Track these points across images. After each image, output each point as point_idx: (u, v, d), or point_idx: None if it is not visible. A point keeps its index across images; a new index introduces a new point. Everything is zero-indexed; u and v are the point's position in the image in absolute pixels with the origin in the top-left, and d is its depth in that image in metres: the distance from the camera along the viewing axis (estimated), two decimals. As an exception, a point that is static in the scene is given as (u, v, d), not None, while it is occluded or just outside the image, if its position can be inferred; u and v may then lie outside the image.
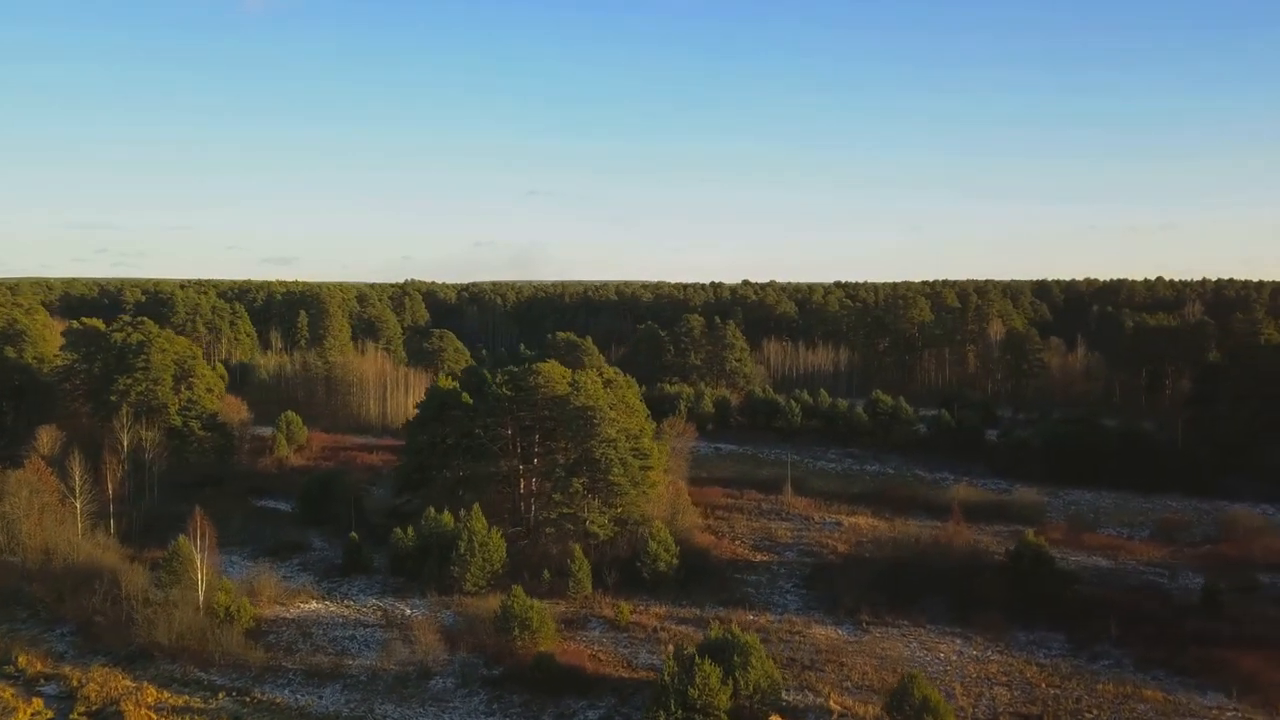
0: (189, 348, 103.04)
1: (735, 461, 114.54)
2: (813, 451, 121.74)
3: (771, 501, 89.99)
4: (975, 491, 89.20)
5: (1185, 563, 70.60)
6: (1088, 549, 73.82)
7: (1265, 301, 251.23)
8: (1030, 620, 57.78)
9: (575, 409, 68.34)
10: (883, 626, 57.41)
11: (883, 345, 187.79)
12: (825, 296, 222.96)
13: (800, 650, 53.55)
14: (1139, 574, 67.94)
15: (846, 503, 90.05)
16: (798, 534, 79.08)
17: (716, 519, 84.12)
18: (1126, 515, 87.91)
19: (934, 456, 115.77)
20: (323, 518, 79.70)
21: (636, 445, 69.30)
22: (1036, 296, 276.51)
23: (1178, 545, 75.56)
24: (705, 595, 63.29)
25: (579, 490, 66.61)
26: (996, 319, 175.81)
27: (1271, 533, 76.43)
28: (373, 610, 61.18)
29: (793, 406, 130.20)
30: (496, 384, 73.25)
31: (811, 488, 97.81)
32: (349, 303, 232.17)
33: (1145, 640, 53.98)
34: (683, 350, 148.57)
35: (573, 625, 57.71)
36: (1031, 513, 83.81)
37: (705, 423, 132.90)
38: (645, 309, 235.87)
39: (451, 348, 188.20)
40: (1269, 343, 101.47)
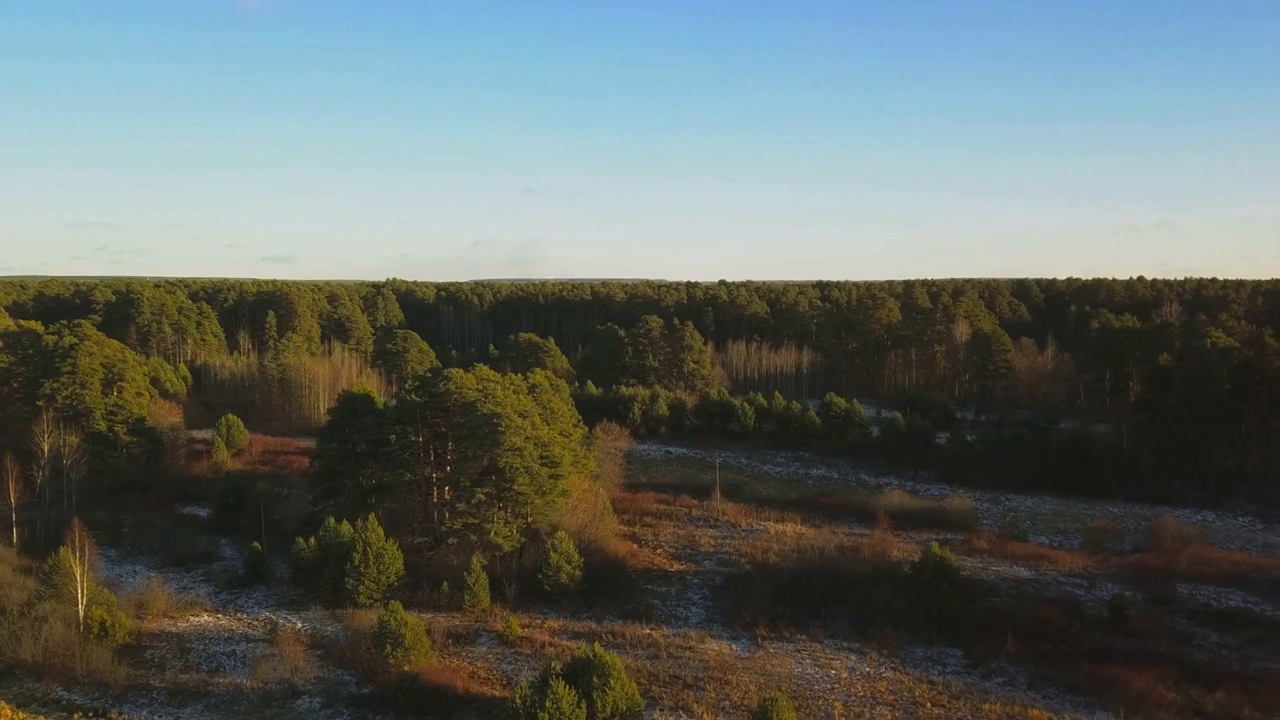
0: (120, 351, 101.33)
1: (682, 465, 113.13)
2: (763, 455, 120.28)
3: (704, 508, 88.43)
4: (909, 498, 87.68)
5: (1107, 573, 69.10)
6: (1012, 558, 72.35)
7: (1244, 302, 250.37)
8: (930, 635, 56.29)
9: (481, 416, 66.74)
10: (779, 641, 55.85)
11: (852, 346, 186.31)
12: (797, 297, 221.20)
13: (687, 667, 51.98)
14: (1057, 585, 66.41)
15: (780, 509, 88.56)
16: (721, 542, 77.52)
17: (643, 526, 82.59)
18: (1064, 522, 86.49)
19: (883, 460, 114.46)
20: (237, 526, 78.11)
21: (546, 453, 67.68)
22: (1015, 296, 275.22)
23: (1104, 554, 74.05)
24: (609, 607, 61.74)
25: (482, 499, 65.01)
26: (963, 319, 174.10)
27: (1200, 541, 74.92)
28: (264, 624, 59.61)
29: (746, 409, 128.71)
30: (406, 390, 71.66)
31: (751, 493, 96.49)
32: (319, 303, 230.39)
33: (1042, 656, 52.50)
34: (641, 352, 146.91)
35: (462, 640, 56.13)
36: (964, 520, 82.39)
37: (658, 425, 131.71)
38: (618, 309, 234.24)
39: (415, 349, 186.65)
40: (1215, 346, 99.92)
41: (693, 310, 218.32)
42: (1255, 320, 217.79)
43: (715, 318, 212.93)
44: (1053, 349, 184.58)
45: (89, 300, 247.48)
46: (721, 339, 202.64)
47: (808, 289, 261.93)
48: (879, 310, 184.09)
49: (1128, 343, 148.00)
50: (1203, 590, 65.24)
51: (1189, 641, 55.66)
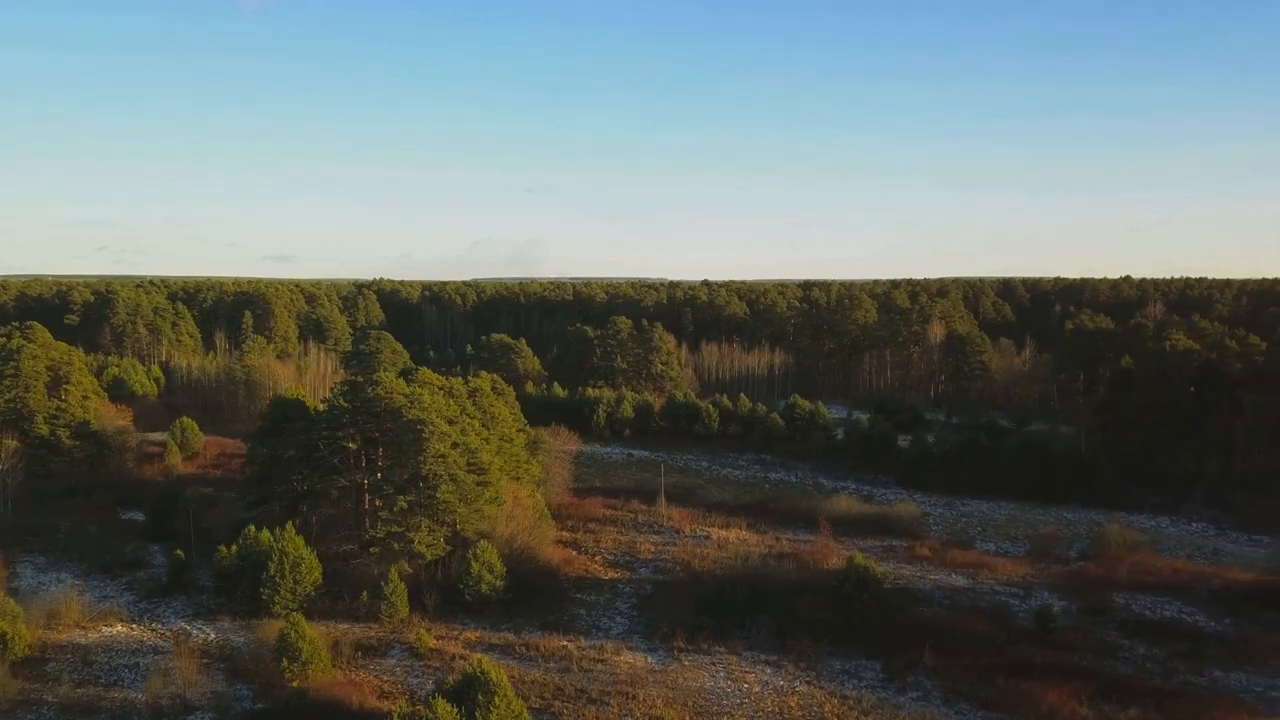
0: (67, 354, 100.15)
1: (641, 468, 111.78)
2: (725, 457, 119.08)
3: (651, 513, 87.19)
4: (857, 503, 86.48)
5: (1046, 582, 67.90)
6: (952, 566, 71.15)
7: (1228, 302, 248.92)
8: (851, 647, 55.11)
9: (406, 423, 65.55)
10: (697, 654, 54.66)
11: (829, 347, 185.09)
12: (776, 298, 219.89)
13: (596, 681, 50.80)
14: (993, 594, 65.21)
15: (728, 514, 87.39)
16: (661, 549, 76.31)
17: (586, 532, 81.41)
18: (1016, 528, 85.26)
19: (845, 464, 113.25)
20: (172, 532, 76.87)
21: (473, 460, 66.47)
22: (1000, 296, 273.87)
23: (1047, 563, 72.87)
24: (531, 618, 60.60)
25: (404, 507, 63.82)
26: (938, 320, 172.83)
27: (1145, 549, 73.70)
28: (176, 635, 58.40)
29: (710, 411, 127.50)
30: (335, 395, 70.47)
31: (705, 497, 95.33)
32: (297, 303, 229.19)
33: (960, 670, 51.32)
34: (609, 353, 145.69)
35: (372, 653, 54.96)
36: (910, 526, 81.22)
37: (622, 428, 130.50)
38: (598, 309, 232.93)
39: (389, 349, 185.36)
40: (1175, 349, 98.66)
41: (672, 311, 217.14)
42: (1238, 321, 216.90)
43: (694, 318, 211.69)
44: (1031, 350, 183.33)
45: (68, 300, 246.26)
46: (701, 339, 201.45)
47: (790, 289, 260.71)
48: (855, 311, 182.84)
49: (1101, 344, 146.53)
50: (1140, 600, 64.07)
51: (1115, 654, 54.51)
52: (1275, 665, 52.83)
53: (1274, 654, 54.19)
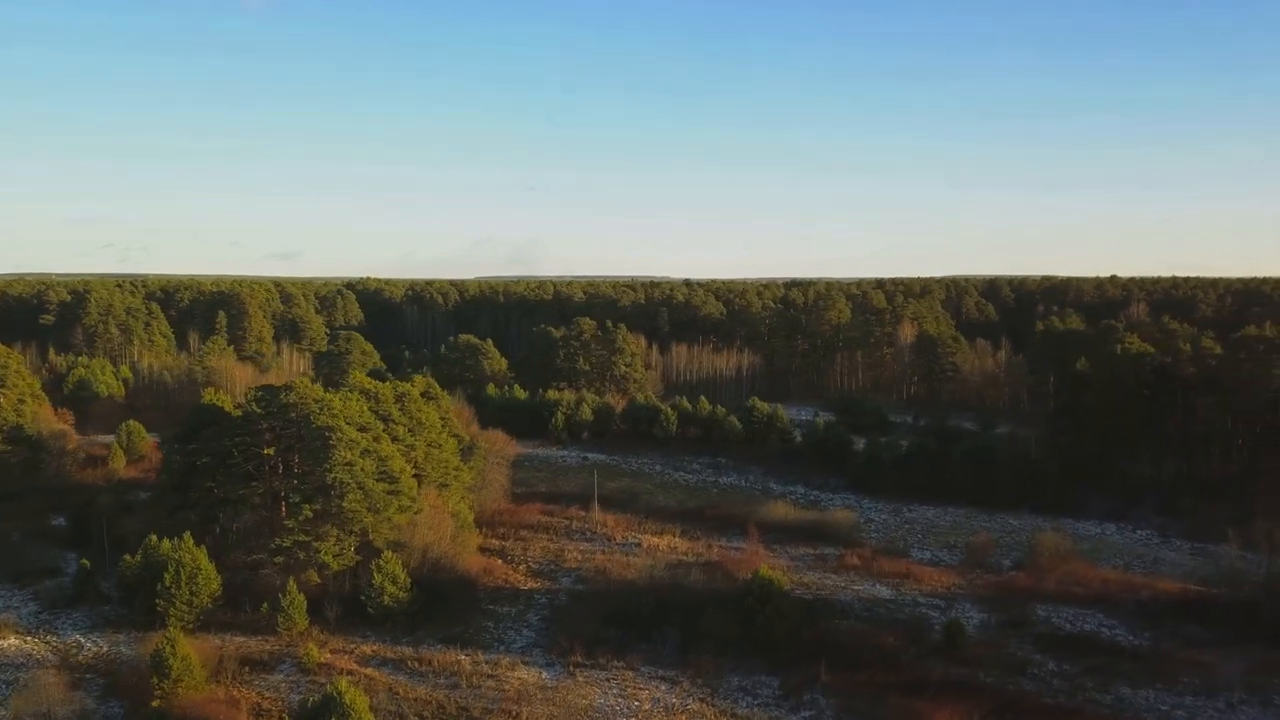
0: (4, 356, 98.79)
1: (592, 472, 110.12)
2: (680, 461, 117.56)
3: (587, 519, 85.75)
4: (793, 510, 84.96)
5: (971, 593, 66.39)
6: (878, 576, 69.64)
7: (1212, 303, 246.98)
8: (753, 662, 53.66)
9: (314, 430, 64.11)
10: (594, 669, 53.20)
11: (803, 347, 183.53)
12: (752, 298, 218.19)
13: (482, 698, 49.37)
14: (914, 606, 63.68)
15: (666, 520, 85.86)
16: (587, 558, 74.80)
17: (517, 540, 79.98)
18: (958, 535, 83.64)
19: (800, 467, 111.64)
20: (90, 539, 75.48)
21: (384, 468, 65.00)
22: (985, 296, 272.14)
23: (978, 572, 71.38)
24: (435, 630, 59.18)
25: (309, 516, 62.39)
26: (908, 321, 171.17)
27: (1079, 558, 72.16)
28: (69, 648, 57.06)
29: (669, 414, 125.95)
30: (248, 401, 69.06)
31: (649, 502, 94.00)
32: (272, 303, 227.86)
33: (857, 687, 49.84)
34: (572, 355, 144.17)
35: (261, 667, 53.55)
36: (845, 534, 79.71)
37: (581, 431, 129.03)
38: (576, 309, 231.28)
39: (358, 350, 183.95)
40: (1127, 352, 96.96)
41: (649, 311, 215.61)
42: (1223, 322, 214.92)
43: (671, 318, 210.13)
44: (1006, 351, 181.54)
45: (45, 300, 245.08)
46: (678, 340, 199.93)
47: (773, 288, 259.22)
48: (829, 311, 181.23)
49: (1071, 346, 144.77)
50: (1063, 612, 62.54)
51: (1023, 670, 52.96)
52: (1186, 683, 51.29)
53: (1187, 670, 52.65)
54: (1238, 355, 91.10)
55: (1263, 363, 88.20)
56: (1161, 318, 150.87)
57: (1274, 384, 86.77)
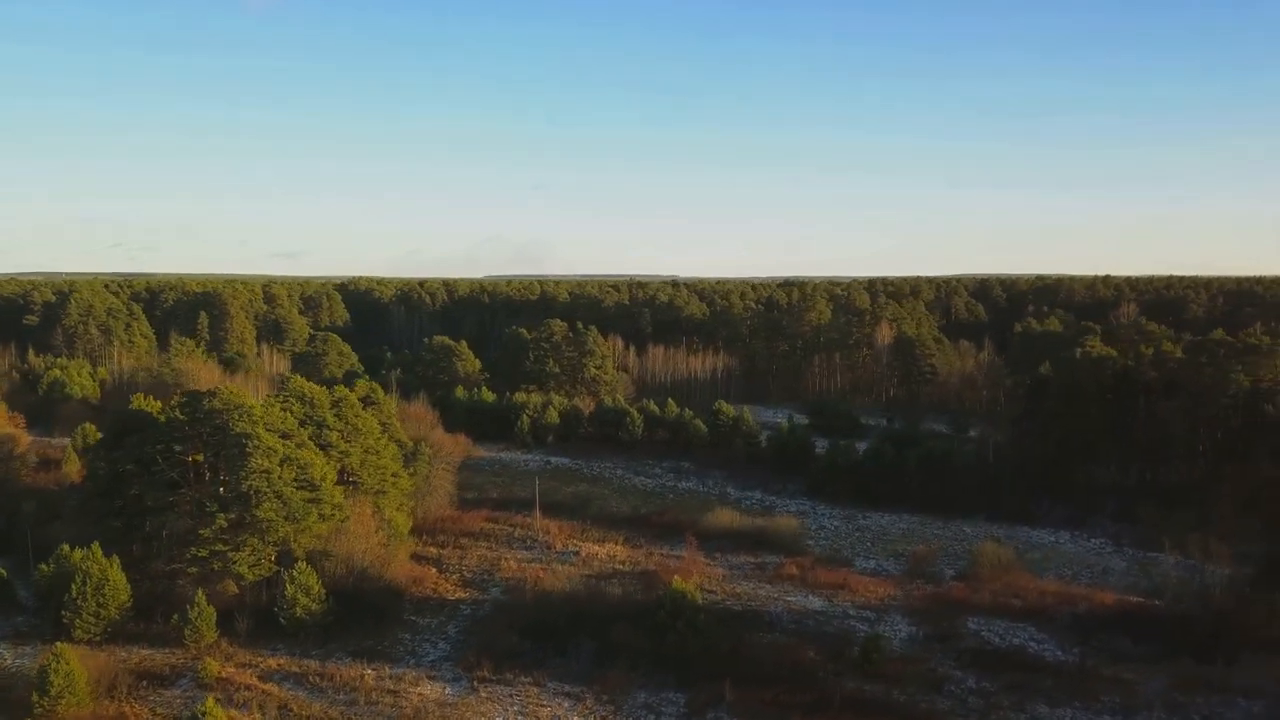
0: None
1: (552, 477, 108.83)
2: (643, 465, 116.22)
3: (530, 526, 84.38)
4: (739, 517, 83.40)
5: (904, 604, 64.90)
6: (813, 587, 68.17)
7: (1203, 303, 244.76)
8: (664, 677, 52.26)
9: (232, 436, 62.94)
10: (499, 685, 51.89)
11: (784, 348, 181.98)
12: (736, 299, 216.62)
13: (379, 716, 48.10)
14: (843, 619, 62.23)
15: (613, 527, 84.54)
16: (522, 567, 73.44)
17: (456, 548, 78.68)
18: (907, 543, 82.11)
19: (761, 472, 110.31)
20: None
21: (304, 476, 63.79)
22: (975, 296, 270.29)
23: (920, 582, 69.92)
24: (347, 643, 57.91)
25: (224, 525, 61.21)
26: (887, 322, 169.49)
27: (1021, 569, 70.64)
28: (-28, 660, 55.97)
29: (635, 417, 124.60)
30: (172, 407, 67.93)
31: (601, 508, 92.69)
32: (255, 304, 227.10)
33: (761, 706, 48.43)
34: (542, 357, 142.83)
35: (159, 682, 52.33)
36: (788, 542, 78.22)
37: (546, 434, 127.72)
38: (561, 310, 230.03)
39: (335, 351, 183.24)
40: (1088, 355, 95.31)
41: (632, 312, 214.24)
42: (1214, 322, 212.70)
43: (653, 319, 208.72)
44: (988, 352, 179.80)
45: (30, 300, 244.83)
46: (660, 341, 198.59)
47: (759, 288, 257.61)
48: (809, 312, 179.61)
49: (1048, 348, 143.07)
50: (995, 625, 61.06)
51: (939, 687, 51.50)
52: (1105, 701, 49.81)
53: (1108, 688, 51.16)
54: (1198, 359, 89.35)
55: (1222, 367, 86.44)
56: (1139, 319, 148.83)
57: (1232, 389, 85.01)
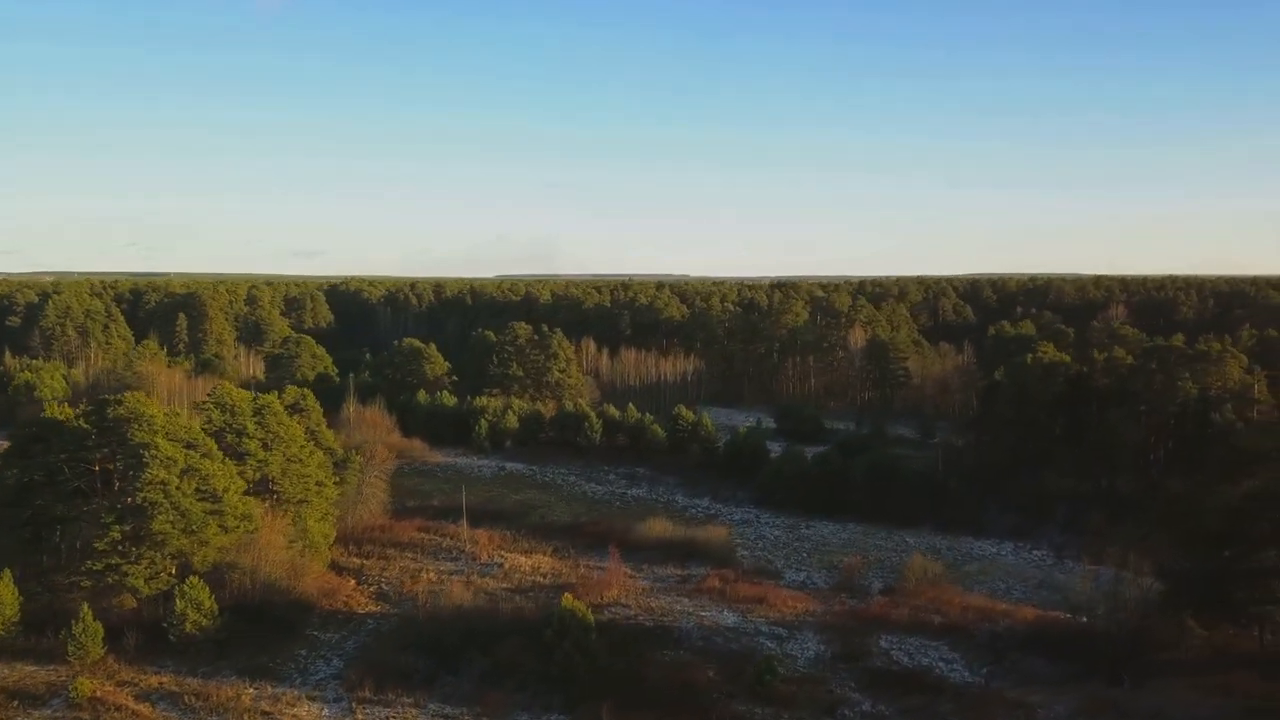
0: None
1: (502, 484, 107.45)
2: (598, 471, 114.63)
3: (460, 535, 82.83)
4: (670, 527, 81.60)
5: (821, 620, 63.12)
6: (732, 601, 66.39)
7: (1193, 305, 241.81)
8: (551, 699, 50.68)
9: (130, 446, 61.59)
10: (380, 705, 50.35)
11: (761, 351, 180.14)
12: (716, 300, 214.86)
13: (245, 739, 46.66)
14: (753, 636, 60.44)
15: (545, 537, 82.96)
16: (441, 579, 71.84)
17: (380, 559, 77.21)
18: (845, 553, 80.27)
19: (715, 478, 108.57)
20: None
21: (205, 487, 62.40)
22: (964, 298, 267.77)
23: (841, 596, 68.21)
24: (240, 659, 56.43)
25: (118, 537, 59.85)
26: (860, 325, 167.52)
27: (948, 583, 68.79)
28: None
29: (593, 422, 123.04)
30: (76, 416, 66.60)
31: (541, 517, 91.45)
32: (235, 305, 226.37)
33: (639, 731, 46.77)
34: (505, 360, 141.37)
35: (34, 701, 50.95)
36: (718, 553, 76.49)
37: (503, 439, 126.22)
38: (543, 311, 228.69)
39: (308, 353, 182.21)
40: (1039, 361, 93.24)
41: (612, 314, 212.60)
42: (1203, 324, 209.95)
43: (633, 321, 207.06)
44: (966, 355, 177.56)
45: (13, 302, 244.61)
46: (640, 343, 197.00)
47: (743, 289, 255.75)
48: (785, 315, 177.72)
49: (1018, 351, 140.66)
50: (909, 643, 59.25)
51: (832, 711, 49.81)
52: (1002, 726, 48.01)
53: (1009, 712, 49.29)
54: (1149, 366, 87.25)
55: (1172, 374, 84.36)
56: (1110, 322, 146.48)
57: (1180, 397, 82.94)
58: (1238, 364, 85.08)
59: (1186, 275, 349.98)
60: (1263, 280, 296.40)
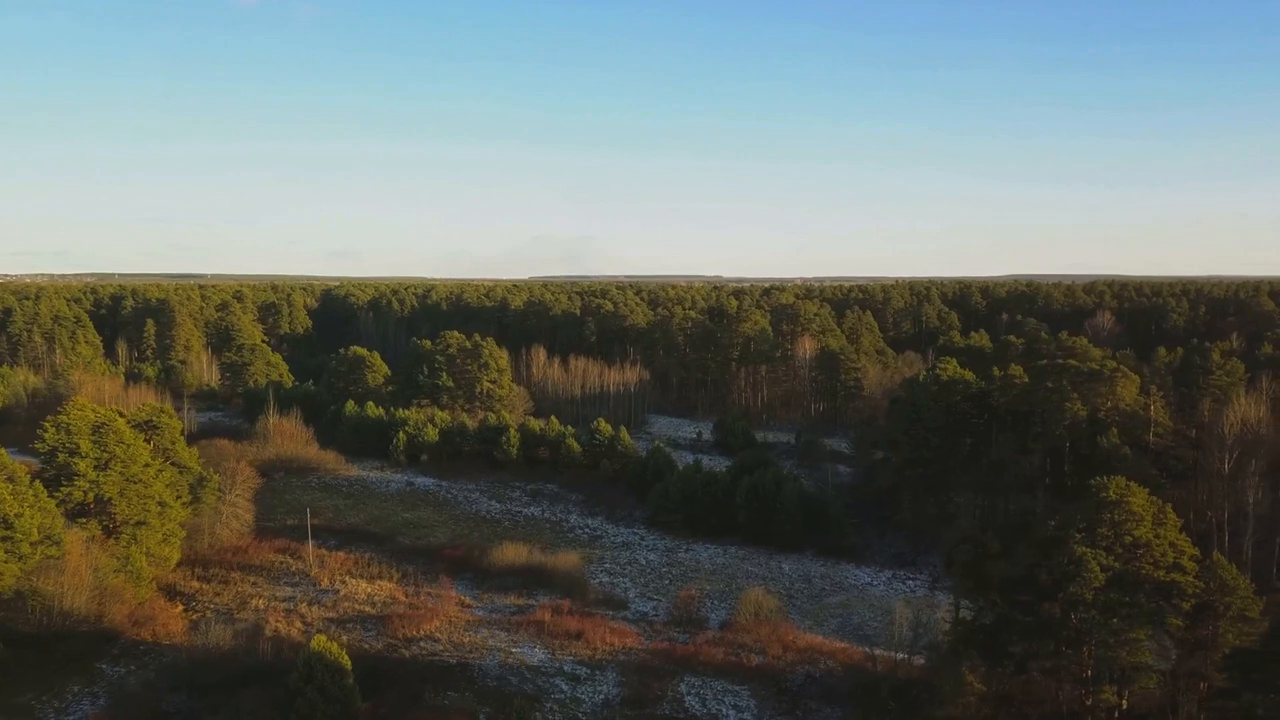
0: None
1: (397, 501, 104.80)
2: (505, 487, 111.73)
3: (311, 559, 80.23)
4: (525, 553, 78.44)
5: (631, 659, 59.79)
6: (552, 635, 63.27)
7: (1185, 312, 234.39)
8: (289, 748, 47.88)
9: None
10: (113, 753, 47.93)
11: (717, 360, 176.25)
12: (679, 308, 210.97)
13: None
14: (552, 675, 57.33)
15: (403, 561, 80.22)
16: (268, 607, 69.33)
17: (223, 582, 74.70)
18: (709, 580, 76.94)
19: (618, 496, 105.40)
20: None
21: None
22: (949, 304, 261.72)
23: (669, 630, 64.88)
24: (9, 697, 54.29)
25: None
26: (809, 336, 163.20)
27: (783, 619, 65.18)
28: None
29: (511, 436, 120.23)
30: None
31: (416, 537, 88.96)
32: (206, 311, 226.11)
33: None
34: (435, 370, 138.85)
35: None
36: (568, 582, 73.30)
37: (419, 452, 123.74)
38: (512, 318, 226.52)
39: (262, 361, 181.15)
40: (938, 379, 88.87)
41: (577, 321, 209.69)
42: (1193, 331, 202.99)
43: (598, 328, 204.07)
44: (929, 364, 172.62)
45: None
46: (603, 350, 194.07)
47: (710, 293, 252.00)
48: (744, 323, 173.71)
49: (968, 363, 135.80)
50: (710, 687, 55.88)
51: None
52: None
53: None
54: (1043, 384, 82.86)
55: (1058, 394, 79.97)
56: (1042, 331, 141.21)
57: (1067, 418, 78.55)
58: (1131, 384, 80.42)
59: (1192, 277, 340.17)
60: (1256, 283, 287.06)
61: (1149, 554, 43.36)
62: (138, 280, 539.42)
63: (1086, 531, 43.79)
